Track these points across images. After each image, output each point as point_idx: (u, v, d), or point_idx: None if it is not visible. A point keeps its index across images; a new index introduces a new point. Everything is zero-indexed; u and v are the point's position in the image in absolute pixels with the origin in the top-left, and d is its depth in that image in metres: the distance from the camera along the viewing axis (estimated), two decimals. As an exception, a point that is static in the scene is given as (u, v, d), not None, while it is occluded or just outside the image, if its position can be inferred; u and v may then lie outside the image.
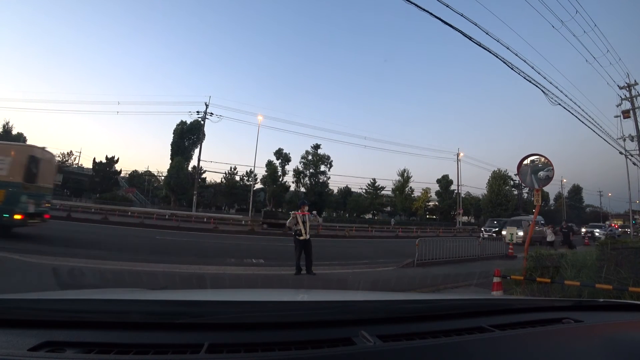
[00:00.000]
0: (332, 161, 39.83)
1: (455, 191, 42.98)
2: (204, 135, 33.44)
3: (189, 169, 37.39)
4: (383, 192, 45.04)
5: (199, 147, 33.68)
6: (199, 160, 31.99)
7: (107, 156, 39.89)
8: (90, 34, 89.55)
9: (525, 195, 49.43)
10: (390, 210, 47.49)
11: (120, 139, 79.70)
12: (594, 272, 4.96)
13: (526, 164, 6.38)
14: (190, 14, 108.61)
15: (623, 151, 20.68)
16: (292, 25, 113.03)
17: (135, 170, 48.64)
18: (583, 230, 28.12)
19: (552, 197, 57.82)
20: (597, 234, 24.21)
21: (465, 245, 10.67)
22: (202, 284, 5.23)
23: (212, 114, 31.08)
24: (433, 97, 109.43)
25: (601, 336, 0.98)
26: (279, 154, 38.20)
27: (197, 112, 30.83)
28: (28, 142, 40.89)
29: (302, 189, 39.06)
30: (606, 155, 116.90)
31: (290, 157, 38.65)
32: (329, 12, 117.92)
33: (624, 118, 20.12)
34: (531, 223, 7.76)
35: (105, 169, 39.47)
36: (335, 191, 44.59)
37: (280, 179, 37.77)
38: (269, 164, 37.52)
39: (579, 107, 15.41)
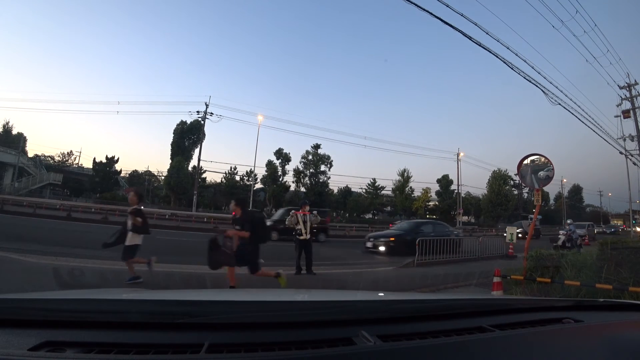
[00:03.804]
0: (332, 161, 39.81)
1: (456, 191, 42.99)
2: (204, 135, 33.42)
3: (189, 168, 37.33)
4: (383, 192, 45.05)
5: (199, 147, 33.66)
6: (199, 160, 31.99)
7: (107, 156, 39.83)
8: (90, 34, 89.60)
9: (526, 195, 49.44)
10: (390, 210, 47.48)
11: (120, 139, 79.47)
12: (594, 272, 4.96)
13: (526, 164, 6.37)
14: (190, 14, 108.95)
15: (623, 151, 20.71)
16: (291, 25, 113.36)
17: (135, 170, 48.61)
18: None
19: (552, 197, 57.89)
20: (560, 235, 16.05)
21: (465, 245, 10.64)
22: (202, 284, 5.23)
23: (212, 113, 31.04)
24: (433, 97, 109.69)
25: (601, 336, 0.98)
26: (279, 153, 38.19)
27: (197, 112, 30.78)
28: (28, 142, 41.23)
29: (302, 189, 39.01)
30: (606, 155, 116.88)
31: (290, 157, 38.65)
32: (329, 12, 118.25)
33: (624, 118, 20.15)
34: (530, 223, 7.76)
35: (105, 168, 39.41)
36: (335, 191, 44.57)
37: (281, 179, 37.76)
38: (269, 164, 37.52)
39: (579, 107, 15.42)
